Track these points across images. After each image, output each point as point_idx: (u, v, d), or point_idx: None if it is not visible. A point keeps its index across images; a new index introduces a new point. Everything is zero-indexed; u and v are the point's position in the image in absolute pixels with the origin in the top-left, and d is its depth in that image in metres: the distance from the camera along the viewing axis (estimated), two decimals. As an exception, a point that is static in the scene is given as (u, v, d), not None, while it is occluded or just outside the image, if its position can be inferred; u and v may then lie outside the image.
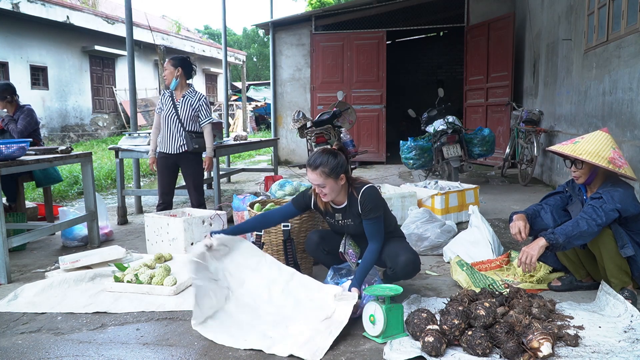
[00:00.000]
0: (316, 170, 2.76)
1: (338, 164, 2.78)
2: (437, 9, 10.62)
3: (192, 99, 4.47)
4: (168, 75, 4.45)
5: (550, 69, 7.23)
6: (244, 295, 2.80)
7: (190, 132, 4.45)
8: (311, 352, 2.34)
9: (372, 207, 2.79)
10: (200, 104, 4.48)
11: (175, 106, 4.44)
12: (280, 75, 10.92)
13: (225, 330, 2.54)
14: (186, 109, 4.44)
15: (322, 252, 3.08)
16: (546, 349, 2.14)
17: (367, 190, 2.82)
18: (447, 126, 6.42)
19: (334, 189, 2.81)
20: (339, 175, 2.79)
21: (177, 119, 4.43)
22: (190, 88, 4.55)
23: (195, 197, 4.61)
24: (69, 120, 16.02)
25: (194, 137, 4.45)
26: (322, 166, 2.76)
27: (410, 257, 2.86)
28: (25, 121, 4.75)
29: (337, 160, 2.79)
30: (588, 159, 2.74)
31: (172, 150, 4.48)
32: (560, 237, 2.64)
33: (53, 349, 2.46)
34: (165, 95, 4.52)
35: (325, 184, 2.77)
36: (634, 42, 4.34)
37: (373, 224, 2.80)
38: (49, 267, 3.77)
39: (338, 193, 2.85)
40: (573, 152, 2.80)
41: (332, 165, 2.76)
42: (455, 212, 4.84)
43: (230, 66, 24.84)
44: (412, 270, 2.90)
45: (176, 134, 4.45)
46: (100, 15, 16.46)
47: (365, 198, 2.81)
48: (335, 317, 2.59)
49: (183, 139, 4.44)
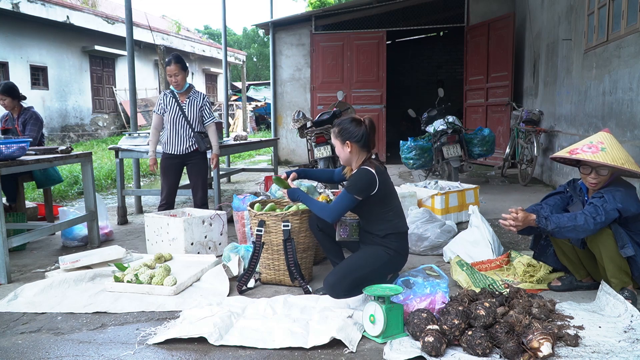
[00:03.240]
0: (332, 128, 3.08)
1: (346, 130, 2.96)
2: (437, 9, 10.62)
3: (197, 99, 4.50)
4: (181, 80, 4.38)
5: (550, 69, 7.23)
6: (251, 313, 2.80)
7: (200, 132, 4.50)
8: (348, 340, 2.39)
9: (352, 181, 2.90)
10: (204, 104, 4.52)
11: (182, 108, 4.44)
12: (280, 75, 10.92)
13: (249, 335, 2.51)
14: (193, 110, 4.46)
15: (316, 228, 3.16)
16: (546, 349, 2.14)
17: (362, 170, 2.93)
18: (447, 126, 6.42)
19: (340, 152, 3.01)
20: (345, 141, 2.96)
21: (185, 121, 4.44)
22: (193, 88, 4.57)
23: (201, 196, 4.62)
24: (69, 120, 16.02)
25: (204, 137, 4.50)
26: (336, 126, 3.04)
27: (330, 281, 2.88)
28: (35, 130, 4.81)
29: (350, 127, 2.96)
30: (632, 168, 2.70)
31: (179, 152, 4.49)
32: (551, 224, 2.68)
33: (53, 349, 2.46)
34: (168, 96, 4.49)
35: (335, 143, 3.03)
36: (634, 42, 4.34)
37: (342, 194, 2.91)
38: (49, 267, 3.77)
39: (348, 160, 3.02)
40: (614, 161, 2.70)
41: (340, 128, 2.99)
42: (455, 212, 4.85)
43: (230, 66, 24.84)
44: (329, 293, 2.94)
45: (184, 135, 4.46)
46: (100, 15, 16.46)
47: (355, 173, 2.94)
48: (356, 317, 2.63)
49: (192, 139, 4.47)
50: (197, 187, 4.62)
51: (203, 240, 3.99)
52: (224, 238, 4.15)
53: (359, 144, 2.97)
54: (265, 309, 2.82)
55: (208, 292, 3.18)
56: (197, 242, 3.95)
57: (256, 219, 3.29)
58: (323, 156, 6.17)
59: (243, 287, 3.21)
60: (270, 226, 3.24)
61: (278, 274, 3.30)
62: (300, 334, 2.47)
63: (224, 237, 4.16)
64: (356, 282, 2.85)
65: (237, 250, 3.71)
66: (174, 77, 4.35)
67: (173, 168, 4.55)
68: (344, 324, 2.51)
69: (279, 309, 2.82)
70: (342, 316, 2.61)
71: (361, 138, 2.96)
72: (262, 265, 3.35)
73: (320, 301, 2.91)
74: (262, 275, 3.37)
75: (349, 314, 2.66)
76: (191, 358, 2.34)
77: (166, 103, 4.47)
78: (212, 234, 4.05)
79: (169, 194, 4.58)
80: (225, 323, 2.59)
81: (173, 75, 4.34)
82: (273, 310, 2.80)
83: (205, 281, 3.37)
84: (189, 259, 3.77)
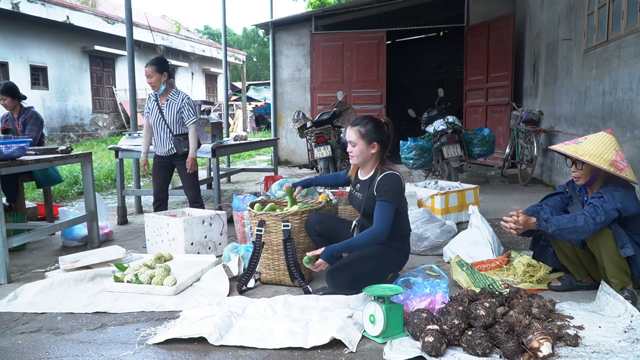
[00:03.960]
0: (354, 127, 2.91)
1: (375, 131, 2.89)
2: (437, 9, 10.62)
3: (176, 102, 4.45)
4: (155, 82, 4.37)
5: (550, 69, 7.23)
6: (251, 313, 2.80)
7: (177, 135, 4.48)
8: (348, 340, 2.38)
9: (387, 190, 2.82)
10: (183, 105, 4.45)
11: (161, 111, 4.45)
12: (280, 75, 10.92)
13: (249, 335, 2.51)
14: (172, 112, 4.44)
15: (314, 233, 3.16)
16: (546, 349, 2.14)
17: (391, 175, 2.87)
18: (447, 126, 6.42)
19: (362, 152, 2.91)
20: (372, 142, 2.90)
21: (164, 124, 4.46)
22: (174, 89, 4.51)
23: (192, 195, 4.63)
24: (69, 120, 16.03)
25: (181, 141, 4.49)
26: (360, 125, 2.90)
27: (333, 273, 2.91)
28: (35, 130, 4.81)
29: (377, 128, 2.90)
30: (590, 160, 2.73)
31: (164, 153, 4.54)
32: (552, 226, 2.67)
33: (53, 349, 2.46)
34: (151, 99, 4.52)
35: (356, 143, 2.90)
36: (634, 42, 4.34)
37: (381, 206, 2.82)
38: (49, 267, 3.77)
39: (366, 161, 2.96)
40: (575, 152, 2.80)
41: (368, 128, 2.88)
42: (455, 212, 4.85)
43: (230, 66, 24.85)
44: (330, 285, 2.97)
45: (165, 138, 4.49)
46: (100, 15, 16.46)
47: (385, 180, 2.86)
48: (356, 317, 2.63)
49: (171, 142, 4.48)
50: (187, 186, 4.63)
51: (203, 240, 3.99)
52: (224, 238, 4.15)
53: (382, 145, 2.95)
54: (265, 309, 2.82)
55: (208, 292, 3.18)
56: (197, 242, 3.95)
57: (256, 219, 3.29)
58: (323, 156, 6.17)
59: (243, 287, 3.21)
60: (270, 226, 3.24)
61: (278, 274, 3.30)
62: (300, 334, 2.47)
63: (224, 237, 4.16)
64: (358, 276, 2.87)
65: (237, 250, 3.71)
66: (148, 78, 4.37)
67: (162, 168, 4.61)
68: (344, 324, 2.51)
69: (279, 309, 2.82)
70: (342, 316, 2.61)
71: (387, 139, 2.95)
72: (262, 265, 3.35)
73: (320, 301, 2.91)
74: (262, 275, 3.37)
75: (349, 314, 2.66)
76: (191, 358, 2.34)
77: (149, 106, 4.52)
78: (212, 234, 4.05)
79: (158, 191, 4.64)
80: (225, 323, 2.59)
81: (147, 76, 4.37)
82: (273, 310, 2.80)
83: (205, 281, 3.37)
84: (189, 259, 3.77)
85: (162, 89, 4.44)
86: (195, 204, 4.61)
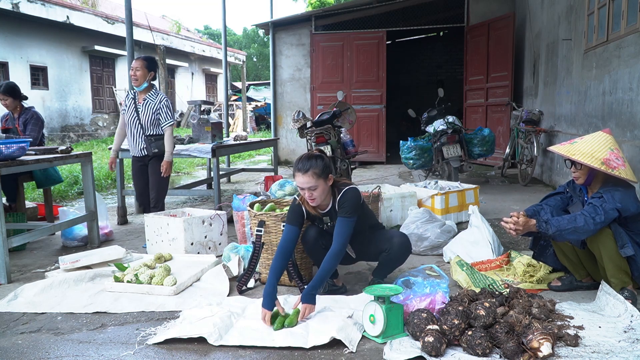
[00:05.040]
0: (307, 173, 2.76)
1: (326, 165, 2.84)
2: (437, 9, 10.62)
3: (154, 102, 4.36)
4: (140, 77, 4.29)
5: (550, 69, 7.23)
6: (251, 313, 2.79)
7: (150, 136, 4.39)
8: (348, 340, 2.38)
9: (348, 206, 2.81)
10: (161, 107, 4.37)
11: (137, 109, 4.37)
12: (280, 75, 10.92)
13: (248, 335, 2.51)
14: (147, 112, 4.36)
15: (321, 248, 3.01)
16: (546, 349, 2.14)
17: (349, 190, 2.86)
18: (447, 126, 6.42)
19: (324, 191, 2.83)
20: (328, 175, 2.84)
21: (138, 123, 4.39)
22: (153, 89, 4.43)
23: (154, 196, 4.48)
24: (69, 120, 16.03)
25: (152, 142, 4.39)
26: (312, 168, 2.76)
27: (404, 239, 3.05)
28: (35, 130, 4.80)
29: (325, 161, 2.85)
30: (581, 159, 2.76)
31: (138, 153, 4.46)
32: (552, 228, 2.68)
33: (53, 349, 2.46)
34: (129, 97, 4.44)
35: (317, 185, 2.77)
36: (634, 42, 4.34)
37: (343, 222, 2.79)
38: (49, 267, 3.77)
39: (326, 195, 2.87)
40: (568, 152, 2.83)
41: (321, 166, 2.79)
42: (455, 212, 4.85)
43: (230, 66, 24.85)
44: (406, 251, 3.06)
45: (137, 137, 4.42)
46: (100, 15, 16.47)
47: (344, 197, 2.84)
48: (356, 317, 2.63)
49: (143, 142, 4.40)
50: (152, 187, 4.48)
51: (203, 240, 3.99)
52: (224, 238, 4.15)
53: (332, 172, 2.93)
54: None
55: (208, 292, 3.18)
56: (197, 242, 3.95)
57: (256, 219, 3.29)
58: (323, 156, 6.16)
59: (243, 287, 3.21)
60: (270, 226, 3.24)
61: (278, 274, 3.29)
62: (300, 334, 2.47)
63: (224, 237, 4.16)
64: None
65: (237, 250, 3.71)
66: (134, 70, 4.28)
67: (140, 171, 4.52)
68: (344, 324, 2.51)
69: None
70: (342, 316, 2.61)
71: (330, 165, 2.95)
72: (262, 265, 3.35)
73: (320, 301, 2.91)
74: (262, 275, 3.37)
75: (349, 314, 2.66)
76: (191, 358, 2.34)
77: (126, 103, 4.45)
78: (212, 234, 4.05)
79: (139, 195, 4.59)
80: (225, 323, 2.59)
81: (135, 69, 4.28)
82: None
83: (205, 281, 3.37)
84: (189, 259, 3.77)
85: (143, 87, 4.35)
86: (155, 207, 4.47)
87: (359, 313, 2.66)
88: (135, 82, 4.33)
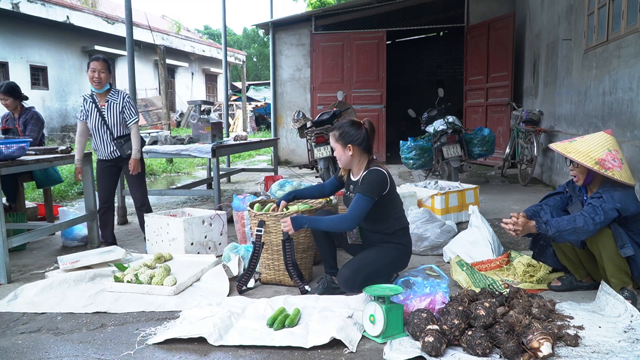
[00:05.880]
0: (331, 132, 3.05)
1: (347, 134, 2.96)
2: (437, 9, 10.63)
3: (117, 102, 4.20)
4: (104, 79, 4.12)
5: (550, 69, 7.23)
6: (251, 313, 2.79)
7: (119, 138, 4.23)
8: (348, 340, 2.38)
9: (367, 184, 2.89)
10: (125, 104, 4.21)
11: (101, 113, 4.18)
12: (280, 75, 10.92)
13: (248, 335, 2.51)
14: (113, 114, 4.18)
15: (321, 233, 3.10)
16: (546, 349, 2.14)
17: (374, 170, 2.94)
18: (447, 126, 6.42)
19: (341, 155, 3.01)
20: (347, 144, 2.96)
21: (105, 127, 4.19)
22: (112, 89, 4.25)
23: (139, 198, 4.40)
24: (69, 120, 16.03)
25: (123, 143, 4.24)
26: (336, 129, 3.02)
27: (345, 274, 2.93)
28: (36, 130, 4.79)
29: (351, 130, 2.96)
30: (575, 157, 2.76)
31: (107, 156, 4.29)
32: (551, 229, 2.69)
33: (53, 349, 2.46)
34: (87, 101, 4.21)
35: (335, 147, 3.02)
36: (634, 42, 4.34)
37: (358, 198, 2.88)
38: (49, 267, 3.77)
39: (348, 162, 3.03)
40: (564, 150, 2.84)
41: (341, 132, 2.98)
42: (455, 212, 4.85)
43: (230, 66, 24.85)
44: (345, 285, 2.97)
45: (107, 141, 4.24)
46: (100, 15, 16.47)
47: (367, 175, 2.93)
48: (356, 317, 2.63)
49: (114, 146, 4.24)
50: (134, 189, 4.39)
51: (203, 240, 3.99)
52: (224, 238, 4.15)
53: (360, 147, 2.99)
54: (265, 309, 2.82)
55: (208, 292, 3.18)
56: (197, 242, 3.95)
57: (256, 219, 3.29)
58: (323, 156, 6.17)
59: (243, 287, 3.21)
60: (270, 226, 3.24)
61: (278, 274, 3.30)
62: (300, 334, 2.47)
63: (224, 237, 4.16)
64: (370, 275, 2.89)
65: (237, 250, 3.71)
66: (98, 72, 4.08)
67: (107, 171, 4.34)
68: (344, 324, 2.51)
69: (278, 306, 2.82)
70: (342, 316, 2.61)
71: (363, 141, 2.98)
72: (262, 265, 3.35)
73: (320, 301, 2.92)
74: (262, 275, 3.37)
75: (349, 314, 2.66)
76: (191, 358, 2.34)
77: (86, 109, 4.21)
78: (212, 234, 4.05)
79: (106, 197, 4.36)
80: (225, 323, 2.59)
81: (98, 71, 4.08)
82: (273, 310, 2.80)
83: (205, 281, 3.37)
84: (189, 259, 3.77)
85: (105, 89, 4.19)
86: (142, 207, 4.39)
87: (359, 313, 2.66)
88: (97, 85, 4.13)
